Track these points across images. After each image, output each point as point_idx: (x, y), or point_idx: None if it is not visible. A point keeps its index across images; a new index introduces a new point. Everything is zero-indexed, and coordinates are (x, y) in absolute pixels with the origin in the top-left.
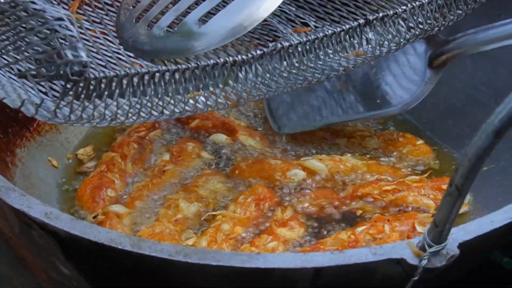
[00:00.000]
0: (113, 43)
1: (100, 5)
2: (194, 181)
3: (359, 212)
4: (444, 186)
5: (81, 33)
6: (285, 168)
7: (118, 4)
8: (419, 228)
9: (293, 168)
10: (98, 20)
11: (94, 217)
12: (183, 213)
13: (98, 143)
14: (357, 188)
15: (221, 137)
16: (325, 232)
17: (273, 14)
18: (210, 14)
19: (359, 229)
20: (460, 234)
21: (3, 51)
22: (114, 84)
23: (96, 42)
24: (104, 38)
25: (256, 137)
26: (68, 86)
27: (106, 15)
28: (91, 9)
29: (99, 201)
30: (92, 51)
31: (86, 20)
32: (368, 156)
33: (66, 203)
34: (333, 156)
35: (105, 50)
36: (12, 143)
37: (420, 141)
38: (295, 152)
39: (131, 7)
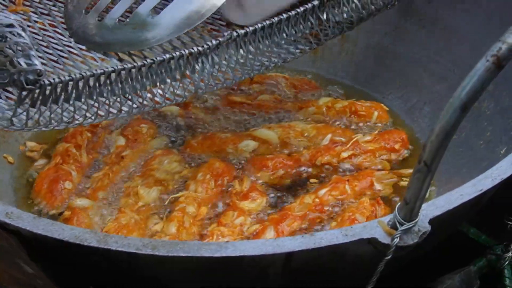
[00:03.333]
0: (63, 36)
1: None
2: (148, 164)
3: (315, 179)
4: (397, 146)
5: (29, 26)
6: (236, 140)
7: None
8: (377, 186)
9: (244, 139)
10: (46, 12)
11: (60, 214)
12: (144, 199)
13: (52, 134)
14: (314, 156)
15: (173, 108)
16: (287, 199)
17: None
18: (164, 3)
19: (322, 191)
20: (430, 209)
21: None
22: (69, 87)
23: (45, 35)
24: (54, 30)
25: (204, 110)
26: (24, 93)
27: (54, 5)
28: (38, 0)
29: (57, 194)
30: (42, 45)
31: (34, 12)
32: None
33: (24, 199)
34: (281, 123)
35: (56, 44)
36: None
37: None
38: (244, 124)
39: None
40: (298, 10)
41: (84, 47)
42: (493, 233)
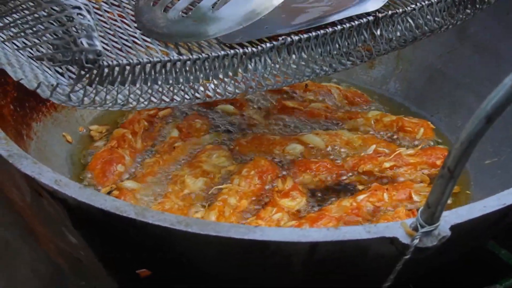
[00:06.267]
0: (130, 27)
1: None
2: (198, 156)
3: (358, 186)
4: (439, 162)
5: (99, 15)
6: (284, 143)
7: None
8: (415, 197)
9: (291, 142)
10: (116, 3)
11: (109, 193)
12: (190, 188)
13: (113, 119)
14: (357, 164)
15: (228, 107)
16: (326, 201)
17: None
18: None
19: (360, 197)
20: (452, 217)
21: (22, 34)
22: (126, 71)
23: (113, 24)
24: (122, 21)
25: (257, 112)
26: (83, 72)
27: None
28: None
29: (109, 175)
30: (109, 33)
31: (105, 2)
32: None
33: (77, 177)
34: (329, 131)
35: (121, 33)
36: (29, 117)
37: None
38: (293, 128)
39: None
40: (353, 23)
41: (148, 39)
42: None
